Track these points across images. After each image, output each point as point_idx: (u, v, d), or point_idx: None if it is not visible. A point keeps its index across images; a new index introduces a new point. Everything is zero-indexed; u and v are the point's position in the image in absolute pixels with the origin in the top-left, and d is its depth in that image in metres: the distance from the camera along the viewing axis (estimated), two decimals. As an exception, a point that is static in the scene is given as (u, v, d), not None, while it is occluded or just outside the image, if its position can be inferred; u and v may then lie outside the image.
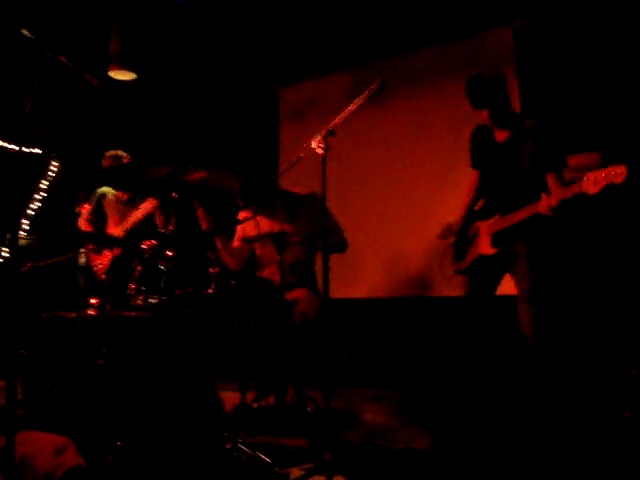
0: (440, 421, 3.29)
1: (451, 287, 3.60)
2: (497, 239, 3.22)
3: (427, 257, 3.92)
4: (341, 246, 3.65)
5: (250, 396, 3.18)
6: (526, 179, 3.17)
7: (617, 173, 2.61)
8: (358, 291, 5.28)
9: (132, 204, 4.34)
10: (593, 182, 2.69)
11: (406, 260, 5.08)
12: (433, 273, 4.63)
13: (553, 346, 3.17)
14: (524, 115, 3.29)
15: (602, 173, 2.66)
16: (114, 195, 4.44)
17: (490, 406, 3.37)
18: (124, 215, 4.30)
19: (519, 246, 3.17)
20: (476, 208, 3.49)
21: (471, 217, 3.46)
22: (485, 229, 3.30)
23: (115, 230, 4.29)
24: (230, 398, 3.15)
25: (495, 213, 3.26)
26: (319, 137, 2.66)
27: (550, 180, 3.09)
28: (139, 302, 2.81)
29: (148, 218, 4.22)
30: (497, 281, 3.35)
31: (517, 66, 4.63)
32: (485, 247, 3.26)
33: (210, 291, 2.96)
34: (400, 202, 5.21)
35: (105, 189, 4.47)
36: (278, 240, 3.11)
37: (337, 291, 3.69)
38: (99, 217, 4.43)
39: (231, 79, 5.93)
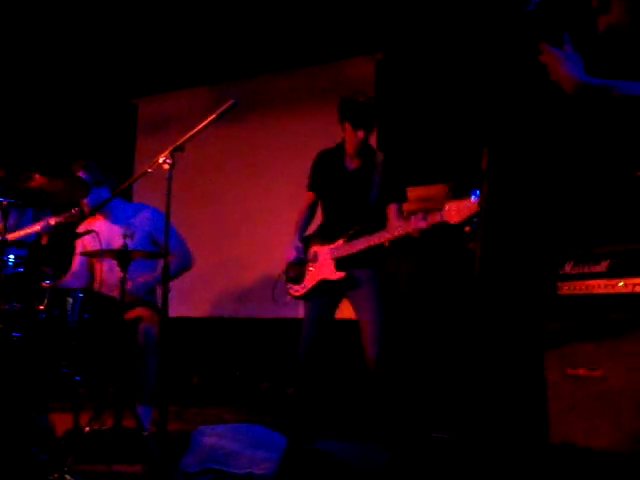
0: (284, 445, 3.27)
1: (296, 308, 3.61)
2: (341, 264, 3.27)
3: (273, 277, 3.97)
4: (186, 268, 3.60)
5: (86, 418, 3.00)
6: (371, 209, 3.30)
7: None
8: (202, 309, 5.20)
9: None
10: (455, 212, 2.83)
11: (252, 279, 5.06)
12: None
13: (394, 371, 3.28)
14: (373, 149, 3.45)
15: (464, 203, 2.81)
16: None
17: (333, 430, 3.43)
18: None
19: (362, 272, 3.26)
20: (310, 231, 3.53)
21: (307, 240, 3.48)
22: (327, 253, 3.33)
23: None
24: (64, 421, 2.95)
25: (337, 238, 3.31)
26: (166, 152, 2.60)
27: (391, 211, 3.28)
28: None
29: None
30: (336, 305, 3.39)
31: (376, 96, 4.78)
32: (329, 272, 3.30)
33: (42, 307, 2.79)
34: (249, 221, 5.20)
35: None
36: (120, 256, 2.97)
37: (179, 309, 3.60)
38: None
39: (88, 85, 5.67)
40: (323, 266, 3.32)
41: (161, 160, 2.59)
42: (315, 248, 3.40)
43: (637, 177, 2.07)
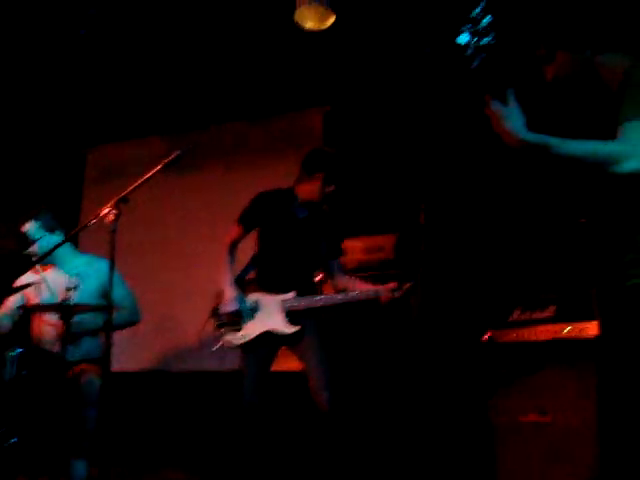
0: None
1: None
2: (294, 316, 3.21)
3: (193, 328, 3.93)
4: (133, 322, 3.50)
5: None
6: (321, 261, 3.35)
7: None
8: (146, 363, 5.05)
9: None
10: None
11: (178, 330, 4.97)
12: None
13: (347, 411, 3.24)
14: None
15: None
16: None
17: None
18: None
19: (307, 322, 3.23)
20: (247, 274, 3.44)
21: (242, 282, 3.36)
22: (277, 304, 3.24)
23: None
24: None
25: (288, 288, 3.25)
26: (111, 203, 2.56)
27: (335, 267, 3.37)
28: None
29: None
30: (275, 356, 3.32)
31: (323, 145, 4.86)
32: (280, 324, 3.21)
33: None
34: (189, 274, 5.10)
35: None
36: (62, 310, 2.87)
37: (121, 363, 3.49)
38: None
39: (37, 134, 5.59)
40: (271, 317, 3.22)
41: (105, 211, 2.55)
42: (257, 296, 3.29)
43: (580, 224, 2.13)
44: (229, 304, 3.23)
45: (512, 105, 1.74)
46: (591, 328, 3.14)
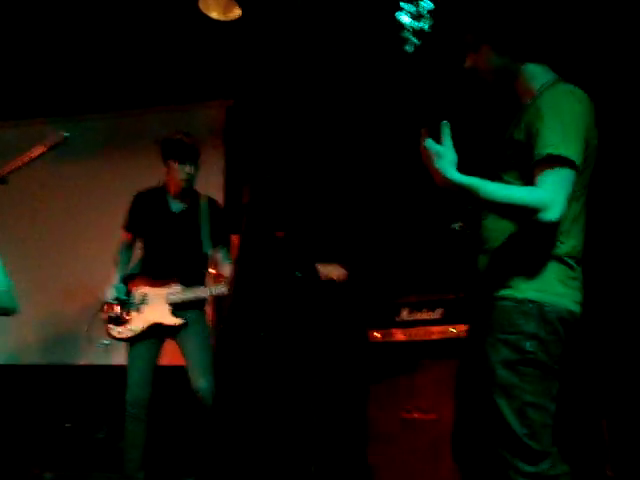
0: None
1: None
2: (178, 308, 3.24)
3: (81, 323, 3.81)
4: (11, 309, 3.32)
5: None
6: (203, 253, 3.36)
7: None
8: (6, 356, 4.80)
9: None
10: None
11: (61, 325, 4.77)
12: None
13: (225, 406, 3.28)
14: (197, 191, 3.50)
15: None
16: None
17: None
18: None
19: (191, 313, 3.28)
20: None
21: (128, 279, 3.41)
22: (161, 297, 3.26)
23: None
24: None
25: (169, 281, 3.27)
26: (-13, 184, 2.41)
27: (218, 256, 3.40)
28: None
29: None
30: (161, 348, 3.36)
31: (224, 141, 4.80)
32: (164, 317, 3.23)
33: None
34: (63, 263, 4.93)
35: None
36: None
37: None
38: None
39: None
40: (157, 310, 3.24)
41: (-19, 191, 2.39)
42: (143, 289, 3.32)
43: (458, 230, 2.20)
44: (108, 292, 3.32)
45: (445, 142, 1.74)
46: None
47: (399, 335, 3.45)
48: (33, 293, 4.75)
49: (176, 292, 3.25)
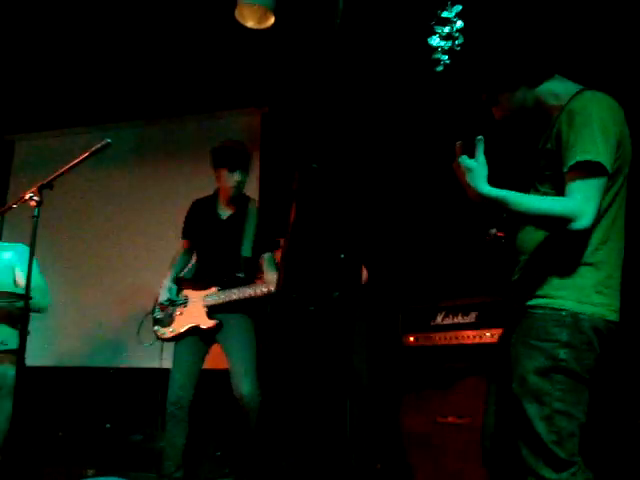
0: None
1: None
2: (213, 311, 3.30)
3: (128, 326, 3.88)
4: (44, 308, 3.45)
5: None
6: (244, 257, 3.38)
7: None
8: (64, 359, 4.90)
9: None
10: None
11: (106, 328, 4.86)
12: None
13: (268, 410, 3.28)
14: (247, 197, 3.56)
15: None
16: None
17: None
18: None
19: (233, 316, 3.30)
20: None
21: (178, 283, 3.48)
22: (199, 300, 3.33)
23: None
24: None
25: (209, 285, 3.34)
26: (34, 189, 2.51)
27: (264, 261, 3.42)
28: None
29: None
30: (207, 351, 3.38)
31: (261, 147, 4.86)
32: (200, 319, 3.29)
33: None
34: (115, 266, 5.02)
35: None
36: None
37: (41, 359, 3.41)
38: None
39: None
40: (194, 312, 3.31)
41: (28, 197, 2.49)
42: (187, 292, 3.40)
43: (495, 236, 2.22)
44: (161, 293, 3.39)
45: (478, 157, 1.78)
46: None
47: (434, 339, 3.46)
48: (78, 297, 4.91)
49: (212, 294, 3.30)
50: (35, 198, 2.47)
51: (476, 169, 1.76)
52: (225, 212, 3.49)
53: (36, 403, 4.08)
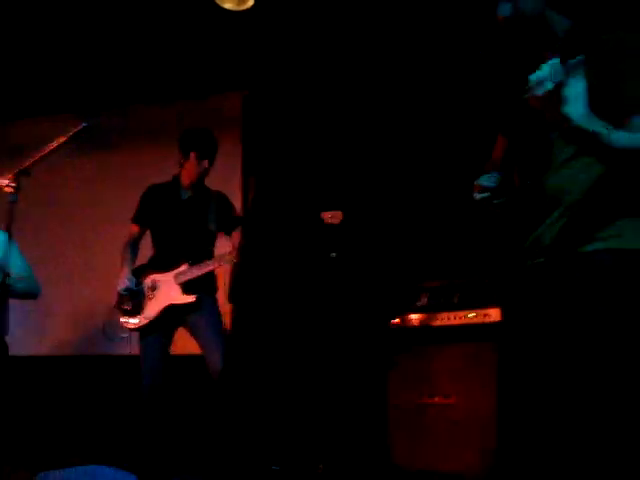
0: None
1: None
2: (189, 287, 3.30)
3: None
4: (33, 293, 3.41)
5: None
6: (212, 234, 3.45)
7: (334, 216, 3.12)
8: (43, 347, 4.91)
9: None
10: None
11: (94, 315, 4.77)
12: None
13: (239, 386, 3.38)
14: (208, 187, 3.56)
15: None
16: None
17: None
18: None
19: (205, 298, 3.34)
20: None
21: (140, 271, 3.46)
22: (171, 279, 3.32)
23: None
24: None
25: (178, 263, 3.33)
26: (10, 175, 2.46)
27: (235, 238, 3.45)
28: None
29: None
30: (173, 335, 3.41)
31: (243, 130, 4.84)
32: (177, 297, 3.29)
33: None
34: (92, 252, 5.00)
35: None
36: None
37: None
38: None
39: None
40: (169, 292, 3.30)
41: (4, 182, 2.45)
42: (153, 277, 3.38)
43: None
44: (120, 282, 3.34)
45: (577, 81, 1.55)
46: (494, 314, 3.27)
47: (418, 320, 3.47)
48: (59, 282, 4.87)
49: (184, 271, 3.30)
50: (11, 184, 2.43)
51: (578, 95, 1.55)
52: (186, 194, 3.49)
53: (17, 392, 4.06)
